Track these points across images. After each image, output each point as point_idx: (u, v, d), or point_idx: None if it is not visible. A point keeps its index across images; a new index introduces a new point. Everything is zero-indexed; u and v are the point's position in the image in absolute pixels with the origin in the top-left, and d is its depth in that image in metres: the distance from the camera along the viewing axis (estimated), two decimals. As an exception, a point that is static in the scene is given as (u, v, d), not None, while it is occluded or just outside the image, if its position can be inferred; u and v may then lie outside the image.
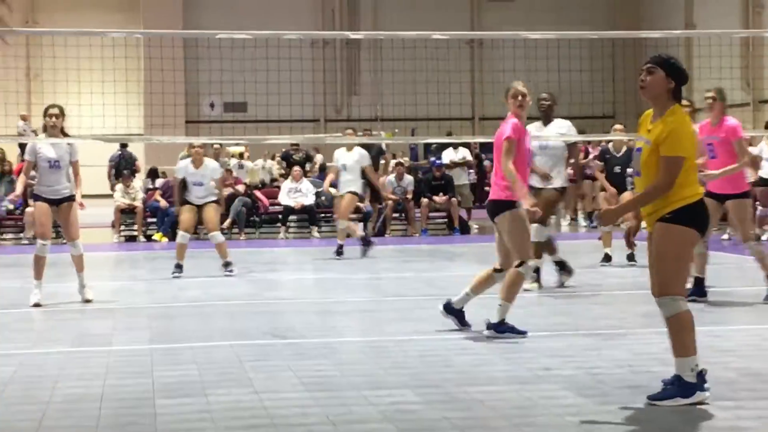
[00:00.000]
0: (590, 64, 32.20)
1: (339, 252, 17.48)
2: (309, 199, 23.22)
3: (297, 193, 23.34)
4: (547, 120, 13.28)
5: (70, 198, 12.30)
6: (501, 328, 9.44)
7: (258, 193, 24.18)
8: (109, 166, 26.09)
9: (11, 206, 21.42)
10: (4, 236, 23.01)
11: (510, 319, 9.57)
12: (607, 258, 15.82)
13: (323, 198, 23.75)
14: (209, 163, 15.93)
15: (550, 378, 7.72)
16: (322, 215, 24.01)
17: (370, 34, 31.23)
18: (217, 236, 15.48)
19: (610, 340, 9.34)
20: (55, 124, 12.34)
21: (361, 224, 20.85)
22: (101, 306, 12.18)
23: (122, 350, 9.27)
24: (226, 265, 15.35)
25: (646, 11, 36.56)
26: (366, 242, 17.78)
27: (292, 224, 24.05)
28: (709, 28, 29.85)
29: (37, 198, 12.47)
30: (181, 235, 15.28)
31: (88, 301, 12.27)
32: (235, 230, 23.00)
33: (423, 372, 8.02)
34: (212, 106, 35.89)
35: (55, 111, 12.42)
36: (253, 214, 23.64)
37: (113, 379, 7.97)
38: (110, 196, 24.79)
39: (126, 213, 23.14)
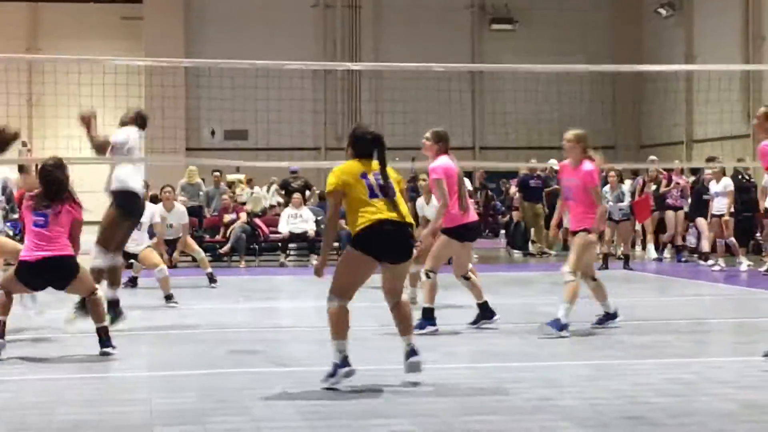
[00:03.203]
0: (590, 95, 32.23)
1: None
2: (310, 226, 23.19)
3: (298, 218, 23.30)
4: None
5: None
6: None
7: (258, 221, 24.18)
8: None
9: (10, 231, 21.38)
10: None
11: (507, 349, 9.56)
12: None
13: (323, 226, 23.76)
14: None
15: (548, 408, 7.69)
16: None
17: (370, 65, 31.25)
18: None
19: (609, 370, 9.32)
20: None
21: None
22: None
23: (120, 377, 9.25)
24: (168, 297, 15.35)
25: (646, 42, 36.65)
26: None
27: (292, 252, 24.04)
28: (710, 59, 29.88)
29: None
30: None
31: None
32: (235, 257, 22.99)
33: (422, 401, 8.00)
34: (213, 133, 35.92)
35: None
36: (252, 242, 23.63)
37: (110, 406, 7.94)
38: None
39: (125, 239, 23.10)
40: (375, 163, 8.61)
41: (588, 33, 36.65)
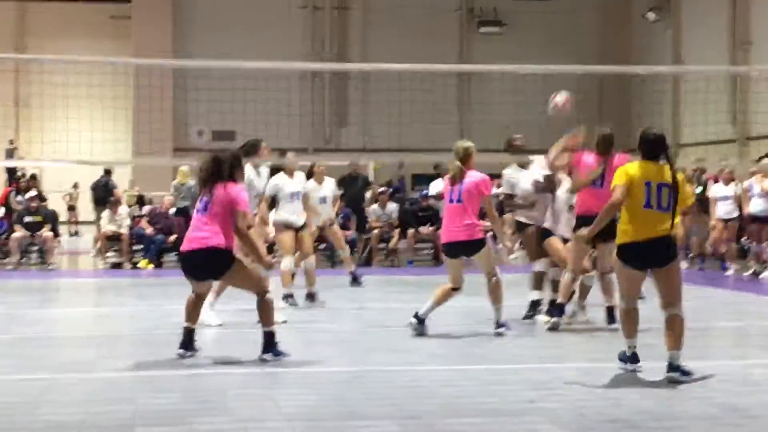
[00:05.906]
0: (578, 98, 32.27)
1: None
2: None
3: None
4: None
5: None
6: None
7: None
8: (93, 194, 26.08)
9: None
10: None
11: (493, 352, 9.59)
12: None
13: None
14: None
15: (532, 411, 7.70)
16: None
17: (359, 66, 31.24)
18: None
19: (594, 374, 9.32)
20: None
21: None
22: (85, 333, 12.13)
23: (105, 377, 9.22)
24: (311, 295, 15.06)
25: (635, 46, 36.70)
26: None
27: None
28: (698, 64, 29.94)
29: None
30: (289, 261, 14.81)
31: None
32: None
33: (406, 403, 8.00)
34: (200, 134, 35.82)
35: None
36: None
37: (94, 406, 7.92)
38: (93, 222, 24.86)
39: (112, 240, 23.03)
40: (663, 170, 8.91)
41: (576, 37, 36.67)
